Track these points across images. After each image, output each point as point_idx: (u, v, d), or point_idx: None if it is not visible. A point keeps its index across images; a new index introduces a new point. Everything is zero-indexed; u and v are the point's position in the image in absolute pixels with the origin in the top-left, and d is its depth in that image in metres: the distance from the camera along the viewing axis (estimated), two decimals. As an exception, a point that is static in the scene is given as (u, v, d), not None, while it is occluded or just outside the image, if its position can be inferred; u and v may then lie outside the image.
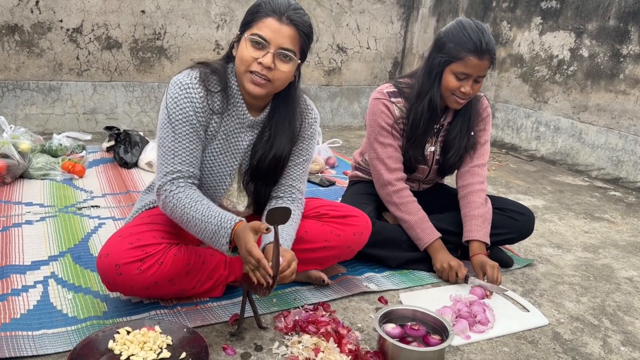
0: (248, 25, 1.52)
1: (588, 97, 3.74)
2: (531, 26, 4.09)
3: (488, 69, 1.90)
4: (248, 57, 1.50)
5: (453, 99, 1.94)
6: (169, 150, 1.56)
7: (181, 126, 1.55)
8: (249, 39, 1.50)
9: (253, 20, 1.51)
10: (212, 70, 1.60)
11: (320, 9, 4.46)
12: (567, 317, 1.84)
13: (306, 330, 1.56)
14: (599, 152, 3.68)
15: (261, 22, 1.49)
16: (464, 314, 1.70)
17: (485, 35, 1.85)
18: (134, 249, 1.52)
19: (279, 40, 1.49)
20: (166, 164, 1.57)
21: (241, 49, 1.52)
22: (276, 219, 1.38)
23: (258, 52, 1.49)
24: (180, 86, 1.56)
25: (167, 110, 1.56)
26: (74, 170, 2.86)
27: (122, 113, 3.98)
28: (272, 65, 1.50)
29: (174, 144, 1.56)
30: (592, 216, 2.94)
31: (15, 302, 1.63)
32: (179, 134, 1.56)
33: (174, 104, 1.55)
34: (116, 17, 3.79)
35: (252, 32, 1.50)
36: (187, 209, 1.53)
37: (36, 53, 3.64)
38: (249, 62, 1.50)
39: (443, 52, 1.90)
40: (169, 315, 1.61)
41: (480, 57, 1.84)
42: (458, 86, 1.90)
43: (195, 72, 1.58)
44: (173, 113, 1.55)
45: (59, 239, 2.11)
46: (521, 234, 2.16)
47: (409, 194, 2.08)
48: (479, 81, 1.91)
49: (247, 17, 1.54)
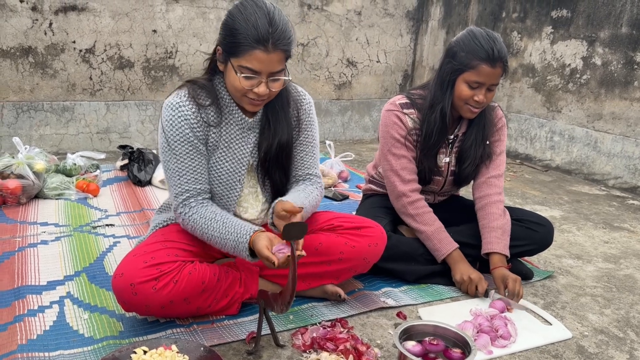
0: (233, 52, 1.50)
1: (602, 105, 3.70)
2: (542, 36, 4.07)
3: (501, 77, 1.88)
4: (242, 88, 1.53)
5: (467, 109, 1.93)
6: (174, 172, 1.61)
7: (180, 146, 1.58)
8: (238, 70, 1.50)
9: (238, 50, 1.48)
10: (199, 86, 1.63)
11: (329, 24, 4.48)
12: (591, 330, 1.79)
13: (324, 347, 1.53)
14: (616, 161, 3.63)
15: (248, 55, 1.47)
16: (485, 329, 1.67)
17: (497, 43, 1.84)
18: (149, 267, 1.52)
19: (269, 69, 1.50)
20: (174, 186, 1.61)
21: (232, 78, 1.53)
22: (292, 234, 1.37)
23: (250, 82, 1.51)
24: (172, 107, 1.58)
25: (164, 133, 1.59)
26: (88, 189, 2.87)
27: (135, 132, 4.01)
28: (267, 91, 1.53)
29: (177, 165, 1.60)
30: (611, 226, 2.89)
31: (32, 323, 1.62)
32: (179, 154, 1.59)
33: (169, 125, 1.58)
34: (128, 37, 3.83)
35: (241, 64, 1.49)
36: (205, 229, 1.59)
37: (50, 74, 3.68)
38: (243, 91, 1.54)
39: (455, 61, 1.89)
40: (185, 334, 1.60)
41: (492, 65, 1.83)
42: (471, 95, 1.88)
43: (184, 90, 1.62)
44: (170, 134, 1.58)
45: (74, 259, 2.11)
46: (540, 246, 2.12)
47: (424, 205, 2.05)
48: (492, 89, 1.89)
49: (229, 40, 1.50)
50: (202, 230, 1.59)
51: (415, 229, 2.05)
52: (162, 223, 1.78)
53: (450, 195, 2.30)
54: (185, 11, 3.94)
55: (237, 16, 1.49)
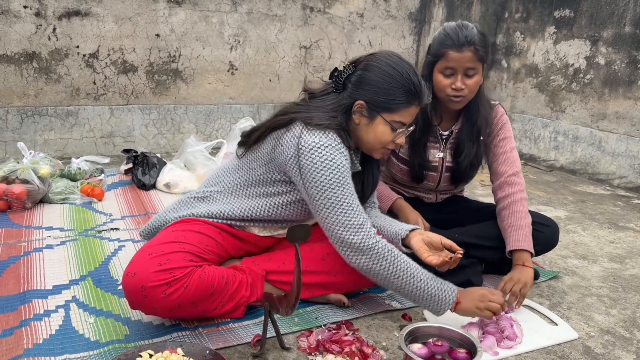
0: (387, 109, 1.61)
1: (606, 105, 3.69)
2: (545, 36, 4.07)
3: (476, 62, 1.88)
4: (387, 140, 1.66)
5: (448, 99, 1.94)
6: (348, 206, 1.59)
7: (349, 181, 1.62)
8: (392, 124, 1.63)
9: (396, 108, 1.61)
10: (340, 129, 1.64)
11: (332, 26, 4.48)
12: (597, 330, 1.79)
13: (330, 349, 1.53)
14: (620, 160, 3.62)
15: (405, 111, 1.62)
16: (490, 330, 1.66)
17: (465, 30, 1.88)
18: (162, 271, 1.49)
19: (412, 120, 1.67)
20: (353, 216, 1.59)
21: (382, 132, 1.64)
22: (297, 236, 1.37)
23: (396, 135, 1.66)
24: (330, 148, 1.58)
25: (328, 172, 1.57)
26: (93, 193, 2.88)
27: (139, 136, 4.02)
28: None
29: (350, 199, 1.60)
30: (617, 226, 2.88)
31: (38, 328, 1.63)
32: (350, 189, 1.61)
33: (335, 165, 1.58)
34: (131, 42, 3.84)
35: (395, 119, 1.62)
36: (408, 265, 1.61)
37: (54, 79, 3.70)
38: (386, 143, 1.67)
39: (429, 55, 1.96)
40: (190, 337, 1.60)
41: (458, 49, 1.86)
42: (448, 84, 1.91)
43: (332, 133, 1.61)
44: (337, 172, 1.58)
45: (80, 263, 2.11)
46: (546, 246, 2.11)
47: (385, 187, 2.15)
48: (469, 75, 1.90)
49: (384, 98, 1.60)
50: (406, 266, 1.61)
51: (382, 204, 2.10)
52: (186, 216, 1.78)
53: (453, 195, 2.29)
54: (188, 15, 3.95)
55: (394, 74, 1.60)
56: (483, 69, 1.92)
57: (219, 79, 4.20)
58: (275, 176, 1.71)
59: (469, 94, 1.93)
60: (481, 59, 1.88)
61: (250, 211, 1.75)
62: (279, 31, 4.31)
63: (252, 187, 1.76)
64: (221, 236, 1.74)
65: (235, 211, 1.75)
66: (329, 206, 1.58)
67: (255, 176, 1.74)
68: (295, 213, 1.76)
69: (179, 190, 3.07)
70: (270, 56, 4.34)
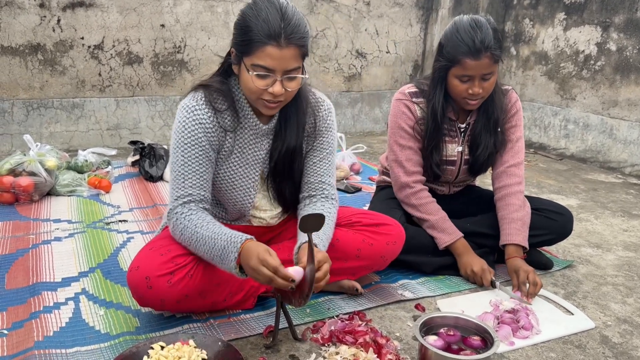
0: (245, 50, 1.45)
1: (618, 91, 3.63)
2: (555, 22, 4.00)
3: (493, 65, 1.81)
4: (256, 89, 1.46)
5: (464, 102, 1.89)
6: (180, 175, 1.55)
7: (190, 149, 1.53)
8: (251, 69, 1.44)
9: (250, 48, 1.43)
10: (215, 89, 1.57)
11: (338, 15, 4.43)
12: (614, 320, 1.76)
13: (343, 340, 1.51)
14: (632, 148, 3.57)
15: (260, 52, 1.41)
16: (506, 320, 1.64)
17: (480, 32, 1.76)
18: (165, 262, 1.50)
19: (283, 66, 1.44)
20: (177, 188, 1.55)
21: (246, 79, 1.47)
22: (309, 226, 1.34)
23: (265, 82, 1.45)
24: (188, 109, 1.54)
25: (177, 134, 1.55)
26: (100, 185, 2.87)
27: (145, 127, 4.00)
28: (282, 91, 1.46)
29: (184, 167, 1.54)
30: (630, 214, 2.84)
31: (48, 320, 1.61)
32: (188, 158, 1.54)
33: (183, 128, 1.54)
34: (136, 32, 3.81)
35: (253, 62, 1.43)
36: (198, 229, 1.49)
37: (59, 71, 3.68)
38: (258, 92, 1.47)
39: (442, 57, 1.86)
40: (202, 329, 1.58)
41: (476, 57, 1.77)
42: (465, 88, 1.84)
43: (200, 93, 1.56)
44: (182, 136, 1.54)
45: (89, 255, 2.10)
46: (560, 235, 2.08)
47: (427, 195, 2.03)
48: (486, 79, 1.83)
49: (240, 39, 1.46)
50: (195, 229, 1.49)
51: (419, 220, 2.03)
52: None
53: (465, 186, 2.26)
54: (193, 5, 3.91)
55: (249, 13, 1.44)
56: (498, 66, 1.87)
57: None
58: None
59: (485, 95, 1.89)
60: (497, 60, 1.82)
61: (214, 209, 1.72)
62: (285, 20, 4.26)
63: None
64: None
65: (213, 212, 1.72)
66: (170, 170, 1.58)
67: None
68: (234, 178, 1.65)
69: (187, 181, 3.05)
70: (276, 46, 4.29)
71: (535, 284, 1.80)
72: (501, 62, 1.87)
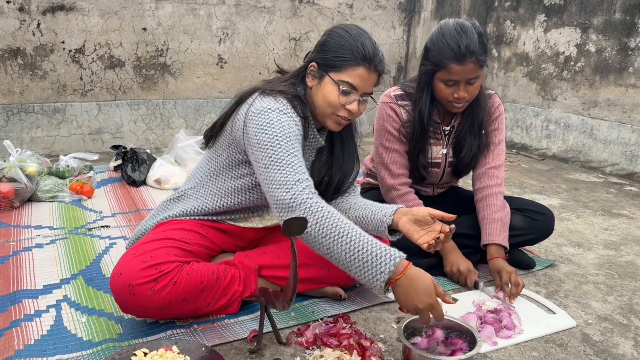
0: (335, 66, 1.55)
1: (597, 92, 3.69)
2: (535, 24, 4.05)
3: (478, 70, 1.82)
4: (337, 104, 1.56)
5: (450, 105, 1.91)
6: (288, 164, 1.47)
7: (293, 141, 1.51)
8: (339, 84, 1.54)
9: (342, 65, 1.54)
10: (293, 96, 1.61)
11: (321, 17, 4.44)
12: (595, 318, 1.78)
13: (328, 343, 1.51)
14: (612, 148, 3.63)
15: (352, 70, 1.54)
16: (489, 320, 1.65)
17: (465, 37, 1.77)
18: (148, 268, 1.48)
19: (365, 88, 1.57)
20: (293, 172, 1.46)
21: (329, 92, 1.56)
22: (293, 229, 1.34)
23: (346, 99, 1.56)
24: (276, 111, 1.53)
25: (271, 130, 1.50)
26: (82, 191, 2.84)
27: (127, 131, 3.97)
28: (358, 110, 1.59)
29: (290, 158, 1.48)
30: (610, 213, 2.88)
31: (29, 328, 1.59)
32: (294, 148, 1.50)
33: (279, 125, 1.50)
34: (118, 36, 3.78)
35: (342, 78, 1.54)
36: (341, 222, 1.41)
37: (39, 75, 3.63)
38: (337, 107, 1.57)
39: (427, 62, 1.87)
40: (185, 335, 1.57)
41: (461, 62, 1.78)
42: (451, 92, 1.86)
43: (282, 98, 1.57)
44: (280, 129, 1.50)
45: (70, 261, 2.07)
46: (541, 234, 2.10)
47: (414, 197, 2.04)
48: (472, 83, 1.84)
49: (333, 55, 1.55)
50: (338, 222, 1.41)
51: None
52: (165, 219, 1.75)
53: (449, 187, 2.28)
54: (175, 8, 3.90)
55: (344, 35, 1.56)
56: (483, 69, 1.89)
57: (208, 72, 4.15)
58: (237, 157, 1.66)
59: (471, 98, 1.90)
60: (483, 65, 1.82)
61: (220, 201, 1.71)
62: (268, 23, 4.26)
63: (220, 175, 1.72)
64: (203, 229, 1.71)
65: (207, 204, 1.72)
66: (268, 165, 1.48)
67: (220, 162, 1.71)
68: (263, 197, 1.68)
69: (170, 186, 3.03)
70: (260, 49, 4.29)
71: (517, 285, 1.82)
72: (486, 67, 1.88)
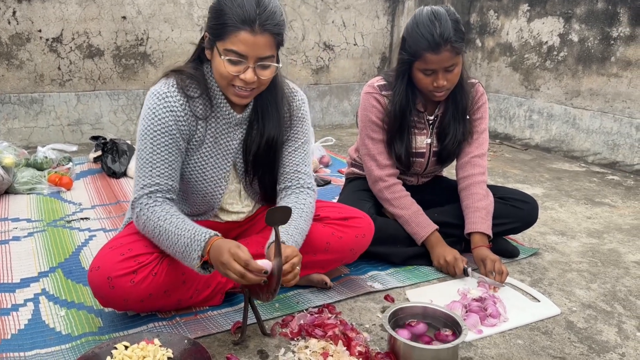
0: (218, 35, 1.41)
1: (580, 82, 3.71)
2: (519, 13, 4.05)
3: (455, 57, 1.80)
4: (228, 75, 1.43)
5: (431, 94, 1.90)
6: (147, 163, 1.49)
7: (160, 137, 1.48)
8: (223, 54, 1.41)
9: (224, 32, 1.40)
10: (188, 75, 1.52)
11: (304, 6, 4.40)
12: (579, 305, 1.79)
13: (313, 334, 1.49)
14: (594, 137, 3.65)
15: (233, 36, 1.38)
16: (474, 308, 1.64)
17: (439, 26, 1.75)
18: (126, 260, 1.45)
19: (256, 53, 1.41)
20: (144, 176, 1.49)
21: (218, 63, 1.44)
22: (276, 219, 1.32)
23: (236, 68, 1.42)
24: (159, 96, 1.48)
25: (146, 121, 1.49)
26: (61, 182, 2.78)
27: (107, 122, 3.89)
28: (255, 78, 1.43)
29: (152, 155, 1.49)
30: (593, 201, 2.90)
31: (5, 322, 1.55)
32: (157, 145, 1.48)
33: (153, 114, 1.48)
34: (96, 25, 3.70)
35: (226, 47, 1.40)
36: (161, 222, 1.44)
37: (16, 65, 3.54)
38: (229, 78, 1.44)
39: (404, 52, 1.85)
40: (167, 327, 1.54)
41: (436, 51, 1.76)
42: (430, 81, 1.84)
43: (172, 80, 1.51)
44: (152, 123, 1.48)
45: (49, 254, 2.02)
46: (525, 223, 2.11)
47: (401, 189, 2.03)
48: (450, 70, 1.82)
49: (214, 22, 1.42)
50: (158, 222, 1.44)
51: (393, 214, 2.03)
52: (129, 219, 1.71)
53: (434, 177, 2.27)
54: (156, -4, 3.82)
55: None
56: (462, 56, 1.87)
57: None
58: None
59: (451, 86, 1.89)
60: (459, 52, 1.80)
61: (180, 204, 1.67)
62: (251, 12, 4.20)
63: None
64: None
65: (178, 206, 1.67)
66: (136, 157, 1.53)
67: None
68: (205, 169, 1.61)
69: (152, 177, 2.98)
70: (242, 38, 4.23)
71: (502, 273, 1.82)
72: (464, 53, 1.87)
